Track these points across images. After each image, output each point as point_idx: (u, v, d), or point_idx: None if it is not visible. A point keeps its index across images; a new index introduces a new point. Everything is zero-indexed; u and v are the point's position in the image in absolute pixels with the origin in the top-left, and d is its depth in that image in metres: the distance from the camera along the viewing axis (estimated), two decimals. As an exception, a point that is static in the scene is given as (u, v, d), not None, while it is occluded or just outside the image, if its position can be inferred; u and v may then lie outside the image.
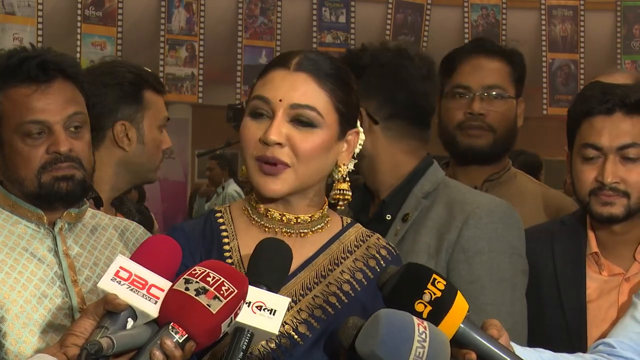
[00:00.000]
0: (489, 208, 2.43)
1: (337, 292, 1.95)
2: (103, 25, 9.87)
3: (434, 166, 2.57)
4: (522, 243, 2.46)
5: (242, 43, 10.45)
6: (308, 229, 1.99)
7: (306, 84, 1.91)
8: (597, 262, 2.53)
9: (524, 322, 2.41)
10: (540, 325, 2.51)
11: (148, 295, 1.64)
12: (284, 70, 1.93)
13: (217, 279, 1.63)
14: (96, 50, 9.75)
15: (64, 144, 2.18)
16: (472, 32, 10.96)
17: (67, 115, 2.20)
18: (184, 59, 10.26)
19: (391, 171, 2.54)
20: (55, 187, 2.18)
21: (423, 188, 2.51)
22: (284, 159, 1.90)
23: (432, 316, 1.72)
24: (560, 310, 2.51)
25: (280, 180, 1.91)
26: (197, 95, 10.12)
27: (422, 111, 2.55)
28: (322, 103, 1.92)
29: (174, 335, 1.59)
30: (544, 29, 11.07)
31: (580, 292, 2.51)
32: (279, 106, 1.90)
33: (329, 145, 1.94)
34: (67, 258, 2.21)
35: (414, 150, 2.55)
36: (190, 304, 1.60)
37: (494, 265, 2.38)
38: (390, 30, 10.77)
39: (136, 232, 2.41)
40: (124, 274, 1.65)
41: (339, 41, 10.99)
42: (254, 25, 10.53)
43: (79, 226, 2.28)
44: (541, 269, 2.55)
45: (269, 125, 1.90)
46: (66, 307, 2.16)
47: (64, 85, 2.22)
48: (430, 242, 2.42)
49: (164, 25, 10.17)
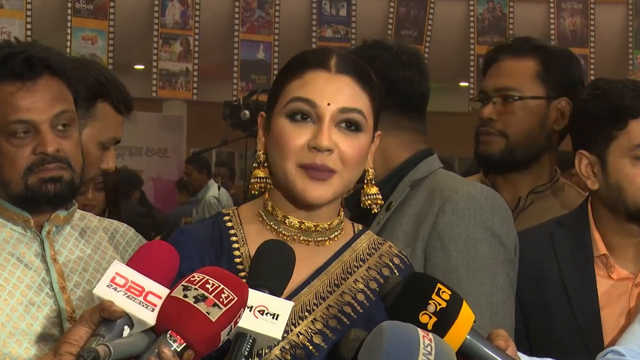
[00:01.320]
0: (467, 193, 2.39)
1: (352, 302, 1.96)
2: (94, 19, 9.89)
3: (430, 158, 2.56)
4: (506, 231, 2.41)
5: (238, 37, 10.47)
6: (326, 236, 2.00)
7: (351, 88, 1.93)
8: (605, 264, 2.53)
9: (507, 314, 2.36)
10: (550, 331, 2.50)
11: (145, 303, 1.64)
12: (325, 72, 1.93)
13: (217, 286, 1.63)
14: (87, 45, 9.76)
15: (51, 144, 2.16)
16: (478, 26, 10.98)
17: (54, 114, 2.18)
18: (179, 53, 10.27)
19: (382, 166, 2.53)
20: (42, 189, 2.16)
21: (412, 177, 2.51)
22: (333, 166, 1.91)
23: (437, 327, 1.71)
24: (571, 316, 2.50)
25: (326, 187, 1.91)
26: (192, 92, 10.14)
27: (407, 98, 2.55)
28: (365, 106, 1.94)
29: (171, 343, 1.59)
30: (553, 22, 11.08)
31: (592, 296, 2.50)
32: (327, 110, 1.90)
33: (367, 149, 1.97)
34: (56, 263, 2.20)
35: (407, 143, 2.56)
36: (188, 312, 1.60)
37: (471, 253, 2.34)
38: (392, 24, 10.78)
39: (126, 235, 2.40)
40: (120, 280, 1.66)
41: (340, 35, 10.99)
42: (251, 18, 10.54)
43: (67, 229, 2.27)
44: (545, 272, 2.54)
45: (317, 130, 1.90)
46: (54, 315, 2.14)
47: (50, 82, 2.20)
48: (408, 230, 2.41)
49: (157, 19, 10.18)
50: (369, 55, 2.53)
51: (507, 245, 2.41)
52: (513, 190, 2.90)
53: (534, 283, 2.51)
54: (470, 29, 11.00)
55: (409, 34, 10.92)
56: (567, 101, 2.88)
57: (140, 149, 11.65)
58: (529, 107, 2.88)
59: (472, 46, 11.54)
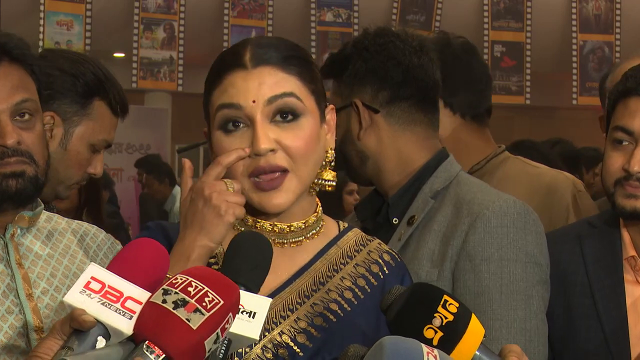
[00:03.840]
0: (500, 209, 2.40)
1: (339, 299, 1.99)
2: (70, 2, 9.88)
3: (448, 160, 2.57)
4: (540, 250, 2.43)
5: (228, 22, 10.47)
6: (302, 236, 2.03)
7: (273, 76, 1.95)
8: (633, 267, 2.54)
9: (542, 341, 2.39)
10: (573, 338, 2.51)
11: (122, 310, 1.61)
12: (241, 71, 1.95)
13: (200, 289, 1.59)
14: (62, 31, 9.76)
15: (10, 136, 2.15)
16: (493, 10, 10.98)
17: (14, 103, 2.18)
18: (162, 40, 10.26)
19: (398, 168, 2.55)
20: (3, 186, 2.16)
21: (433, 186, 2.51)
22: (282, 164, 1.93)
23: (444, 343, 1.69)
24: (597, 322, 2.51)
25: (284, 192, 1.94)
26: (176, 82, 10.13)
27: (423, 87, 2.56)
28: (296, 87, 1.95)
29: (148, 355, 1.56)
30: (575, 6, 11.05)
31: (620, 301, 2.51)
32: (254, 108, 1.93)
33: (317, 133, 1.98)
34: (21, 268, 2.20)
35: (423, 139, 2.57)
36: (166, 319, 1.57)
37: (504, 275, 2.36)
38: (397, 7, 10.77)
39: (97, 238, 2.40)
40: (95, 286, 1.62)
41: (341, 20, 10.99)
42: (243, 2, 10.53)
43: (32, 231, 2.28)
44: (571, 276, 2.55)
45: (252, 134, 1.93)
46: (20, 325, 2.14)
47: (10, 70, 2.19)
48: (434, 248, 2.42)
49: (138, 2, 10.17)
50: (377, 42, 2.56)
51: (542, 265, 2.43)
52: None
53: (559, 287, 2.52)
54: (484, 12, 11.01)
55: (416, 19, 10.92)
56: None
57: (120, 146, 11.67)
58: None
59: (485, 32, 11.56)
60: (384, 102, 2.53)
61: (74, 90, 2.79)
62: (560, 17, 10.52)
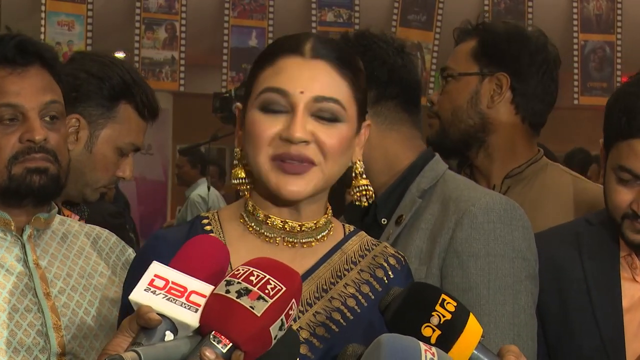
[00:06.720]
0: (486, 205, 2.41)
1: (341, 307, 1.95)
2: (71, 2, 9.87)
3: (434, 159, 2.58)
4: (527, 245, 2.44)
5: (229, 23, 10.45)
6: (312, 237, 1.99)
7: (327, 74, 1.93)
8: (630, 265, 2.56)
9: (530, 336, 2.39)
10: (569, 334, 2.53)
11: (187, 304, 1.62)
12: (298, 58, 1.94)
13: (262, 277, 1.62)
14: (63, 31, 9.76)
15: (38, 132, 2.21)
16: (493, 11, 10.98)
17: (43, 102, 2.25)
18: (163, 40, 10.27)
19: (385, 168, 2.56)
20: (26, 180, 2.21)
21: (420, 185, 2.52)
22: (312, 157, 1.89)
23: (442, 341, 1.72)
24: (593, 319, 2.53)
25: (305, 180, 1.90)
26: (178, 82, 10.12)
27: (407, 87, 2.59)
28: (344, 95, 1.94)
29: (215, 344, 1.58)
30: (576, 5, 11.04)
31: (615, 297, 2.53)
32: (300, 99, 1.90)
33: (350, 141, 1.96)
34: (38, 269, 2.26)
35: (408, 139, 2.59)
36: (230, 308, 1.59)
37: (492, 271, 2.37)
38: (398, 7, 10.78)
39: (109, 241, 2.47)
40: (159, 283, 1.64)
41: (342, 20, 10.98)
42: (243, 2, 10.53)
43: (48, 233, 2.33)
44: (568, 273, 2.56)
45: (290, 120, 1.89)
46: (39, 323, 2.20)
47: (41, 72, 2.27)
48: (422, 246, 2.43)
49: (140, 2, 10.16)
50: (361, 44, 2.57)
51: (530, 260, 2.44)
52: (486, 179, 2.99)
53: (555, 285, 2.54)
54: (485, 13, 11.01)
55: (417, 19, 10.95)
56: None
57: (121, 146, 11.62)
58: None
59: (486, 32, 11.52)
60: (370, 102, 2.45)
61: (99, 93, 2.79)
62: (561, 17, 10.53)
